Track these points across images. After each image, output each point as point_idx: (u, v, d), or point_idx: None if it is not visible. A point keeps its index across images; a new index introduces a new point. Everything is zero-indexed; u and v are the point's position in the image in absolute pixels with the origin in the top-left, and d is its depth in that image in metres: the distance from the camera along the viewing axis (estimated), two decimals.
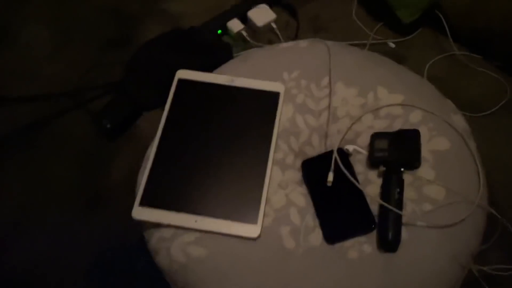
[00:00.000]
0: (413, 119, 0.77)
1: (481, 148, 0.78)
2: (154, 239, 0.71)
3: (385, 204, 0.67)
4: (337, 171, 0.73)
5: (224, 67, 0.88)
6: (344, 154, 0.76)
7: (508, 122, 0.91)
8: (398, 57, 0.99)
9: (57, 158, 0.97)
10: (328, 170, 0.74)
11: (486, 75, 0.97)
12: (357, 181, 0.73)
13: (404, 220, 0.68)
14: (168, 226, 0.70)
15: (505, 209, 0.79)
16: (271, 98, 0.80)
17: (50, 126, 1.02)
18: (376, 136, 0.75)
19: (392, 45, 1.00)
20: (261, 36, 1.04)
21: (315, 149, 0.80)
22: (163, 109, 0.81)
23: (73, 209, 0.89)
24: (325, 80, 0.83)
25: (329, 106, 0.81)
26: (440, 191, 0.70)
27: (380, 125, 0.78)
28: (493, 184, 0.76)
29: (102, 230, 0.67)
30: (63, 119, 1.03)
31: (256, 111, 0.79)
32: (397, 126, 0.77)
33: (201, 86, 0.82)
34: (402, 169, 0.71)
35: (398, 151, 0.72)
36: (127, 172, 0.90)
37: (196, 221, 0.68)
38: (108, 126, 0.92)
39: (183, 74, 0.83)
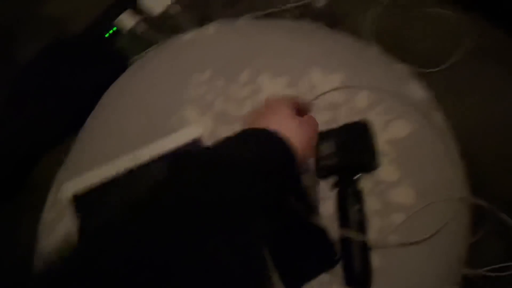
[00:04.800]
0: (360, 103, 0.61)
1: (448, 113, 0.63)
2: None
3: (343, 231, 0.52)
4: None
5: (118, 84, 0.70)
6: None
7: (474, 71, 0.75)
8: (331, 16, 0.81)
9: None
10: None
11: (441, 15, 0.80)
12: (305, 200, 0.57)
13: (372, 242, 0.53)
14: None
15: (491, 186, 0.65)
16: (194, 148, 0.61)
17: None
18: (319, 138, 0.58)
19: (322, 3, 0.81)
20: (163, 25, 0.84)
21: None
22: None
23: None
24: (246, 74, 0.66)
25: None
26: (410, 193, 0.55)
27: (322, 119, 0.61)
28: (472, 156, 0.62)
29: None
30: None
31: None
32: (342, 117, 0.61)
33: (106, 189, 0.59)
34: (358, 175, 0.56)
35: (348, 154, 0.56)
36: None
37: None
38: None
39: (70, 188, 0.60)
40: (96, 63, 0.75)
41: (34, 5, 0.86)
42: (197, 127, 0.63)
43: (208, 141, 0.63)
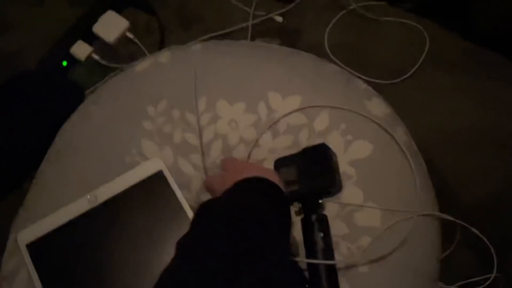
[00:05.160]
0: (320, 124, 0.60)
1: (411, 124, 0.63)
2: None
3: (311, 259, 0.51)
4: None
5: (72, 121, 0.67)
6: None
7: (435, 81, 0.75)
8: (290, 32, 0.81)
9: None
10: None
11: (397, 24, 0.80)
12: None
13: (341, 266, 0.52)
14: None
15: (458, 198, 0.65)
16: (157, 182, 0.59)
17: None
18: (280, 164, 0.57)
19: (279, 19, 0.80)
20: (120, 52, 0.82)
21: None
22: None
23: None
24: (203, 102, 0.64)
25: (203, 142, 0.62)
26: (375, 214, 0.54)
27: (284, 144, 0.60)
28: (437, 169, 0.61)
29: None
30: None
31: (150, 210, 0.58)
32: (303, 140, 0.60)
33: (63, 232, 0.56)
34: (321, 200, 0.55)
35: (310, 179, 0.55)
36: None
37: None
38: None
39: (25, 236, 0.56)
40: (51, 97, 0.73)
41: None
42: (157, 161, 0.61)
43: (170, 173, 0.61)
